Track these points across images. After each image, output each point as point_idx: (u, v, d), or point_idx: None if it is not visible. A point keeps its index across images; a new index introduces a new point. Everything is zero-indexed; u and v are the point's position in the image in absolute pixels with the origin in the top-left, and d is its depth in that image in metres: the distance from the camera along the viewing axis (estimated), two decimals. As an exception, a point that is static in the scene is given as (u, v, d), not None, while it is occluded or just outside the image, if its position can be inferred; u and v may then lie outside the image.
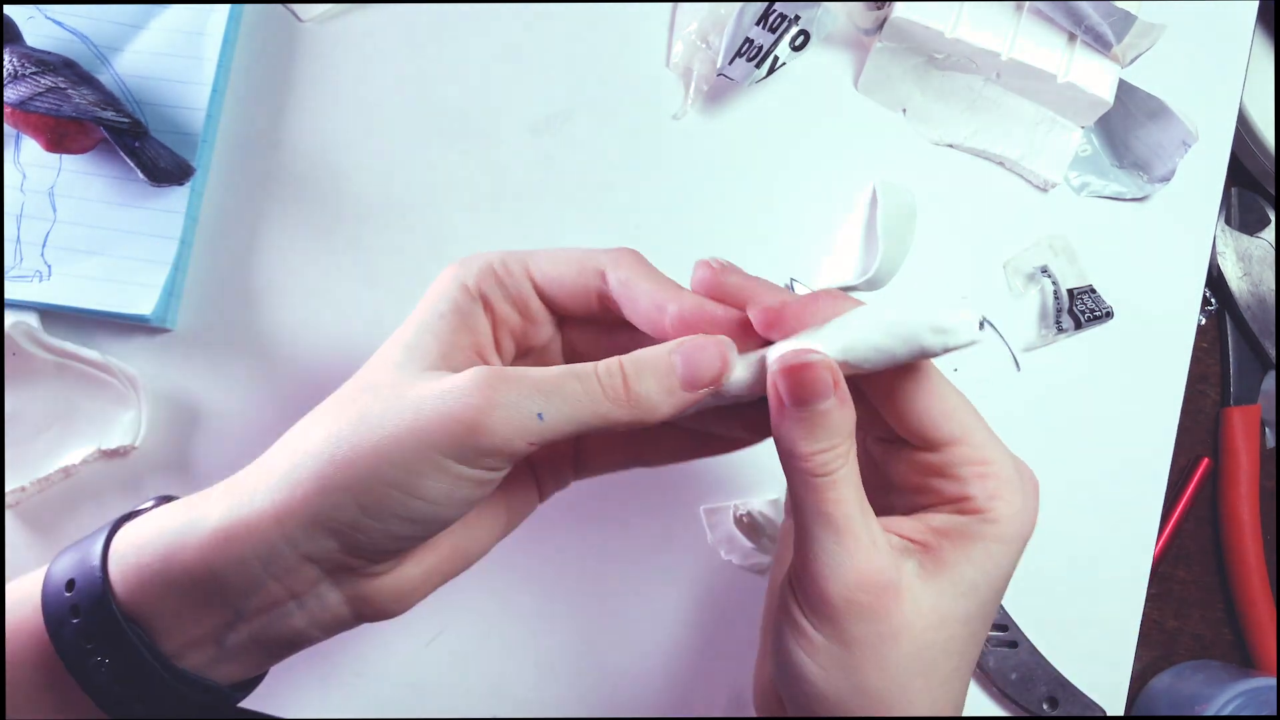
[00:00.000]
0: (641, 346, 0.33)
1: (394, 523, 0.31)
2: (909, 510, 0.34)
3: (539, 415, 0.30)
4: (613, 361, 0.32)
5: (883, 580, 0.31)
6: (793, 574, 0.33)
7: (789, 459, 0.32)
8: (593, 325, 0.37)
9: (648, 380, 0.32)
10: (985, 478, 0.32)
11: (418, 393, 0.31)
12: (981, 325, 0.30)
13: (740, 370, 0.33)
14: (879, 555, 0.31)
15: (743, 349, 0.33)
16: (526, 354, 0.38)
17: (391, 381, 0.32)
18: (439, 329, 0.34)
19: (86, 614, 0.32)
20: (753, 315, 0.33)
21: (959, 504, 0.32)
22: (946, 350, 0.30)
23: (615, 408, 0.31)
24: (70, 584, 0.33)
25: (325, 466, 0.31)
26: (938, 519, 0.32)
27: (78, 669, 0.32)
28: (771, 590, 0.37)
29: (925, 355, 0.31)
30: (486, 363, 0.35)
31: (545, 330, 0.37)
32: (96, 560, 0.33)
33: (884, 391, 0.33)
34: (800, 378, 0.31)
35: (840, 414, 0.31)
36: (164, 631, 0.32)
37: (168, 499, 0.36)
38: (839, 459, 0.31)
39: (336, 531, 0.31)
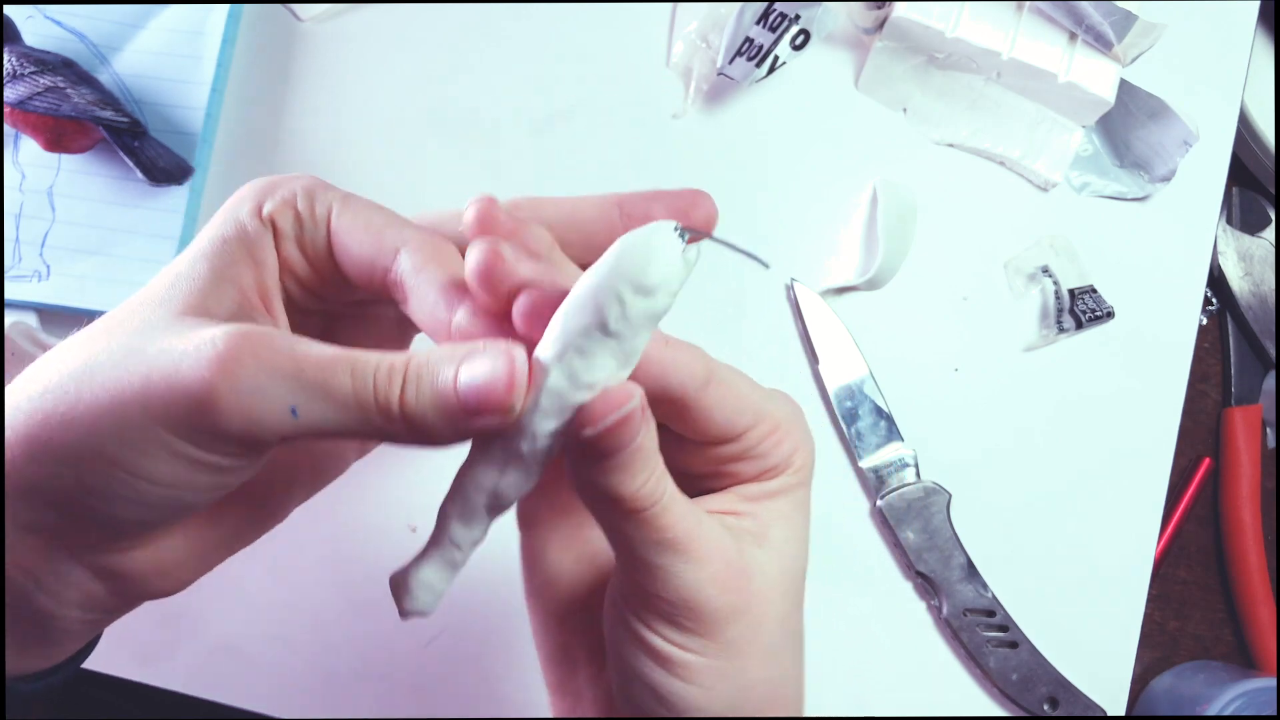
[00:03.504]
0: None
1: (121, 505, 0.25)
2: (713, 488, 0.31)
3: (292, 410, 0.24)
4: (399, 360, 0.25)
5: (738, 569, 0.28)
6: (639, 609, 0.28)
7: (610, 505, 0.26)
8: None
9: (425, 393, 0.25)
10: (780, 442, 0.29)
11: (158, 346, 0.25)
12: (683, 234, 0.24)
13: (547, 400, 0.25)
14: (727, 547, 0.28)
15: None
16: (329, 315, 0.31)
17: (138, 325, 0.26)
18: (213, 261, 0.27)
19: None
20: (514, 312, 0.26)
21: (764, 474, 0.30)
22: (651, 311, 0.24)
23: (387, 422, 0.25)
24: None
25: (37, 428, 0.25)
26: (749, 489, 0.30)
27: None
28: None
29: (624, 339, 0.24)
30: (252, 317, 0.28)
31: (353, 293, 0.30)
32: None
33: (672, 414, 0.28)
34: (619, 431, 0.25)
35: (650, 436, 0.26)
36: None
37: None
38: (660, 480, 0.27)
39: (56, 504, 0.25)
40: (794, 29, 0.52)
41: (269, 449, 0.26)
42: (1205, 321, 0.62)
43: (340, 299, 0.31)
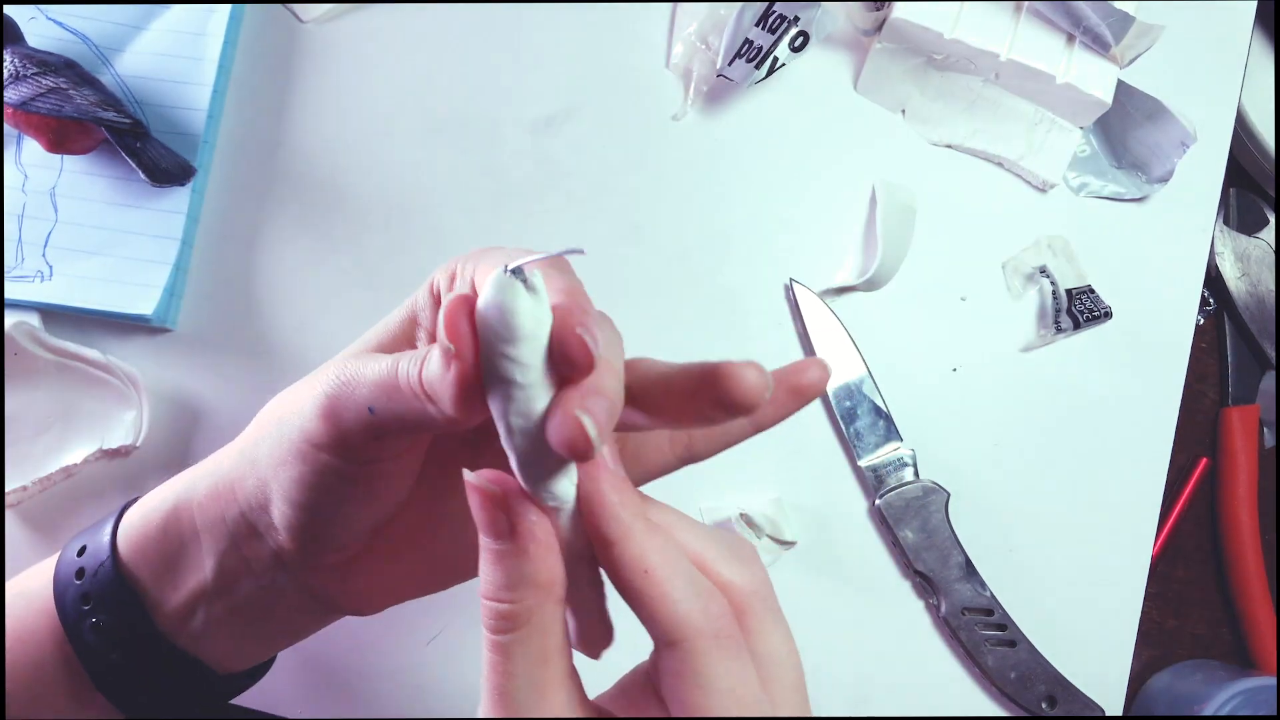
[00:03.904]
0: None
1: (281, 505, 0.31)
2: None
3: (370, 409, 0.28)
4: (424, 349, 0.27)
5: None
6: None
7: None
8: None
9: (431, 366, 0.26)
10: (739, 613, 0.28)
11: (326, 372, 0.30)
12: (514, 272, 0.24)
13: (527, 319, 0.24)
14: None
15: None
16: None
17: (337, 358, 0.31)
18: (393, 319, 0.32)
19: (89, 576, 0.33)
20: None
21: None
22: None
23: (419, 401, 0.27)
24: (81, 550, 0.34)
25: (245, 440, 0.32)
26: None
27: (74, 630, 0.33)
28: None
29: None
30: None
31: None
32: (109, 525, 0.34)
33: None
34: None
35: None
36: (155, 603, 0.33)
37: None
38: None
39: (257, 506, 0.31)
40: (793, 31, 0.52)
41: (367, 453, 0.29)
42: (1203, 322, 0.62)
43: None
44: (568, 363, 0.24)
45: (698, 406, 0.26)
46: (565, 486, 0.26)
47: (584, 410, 0.23)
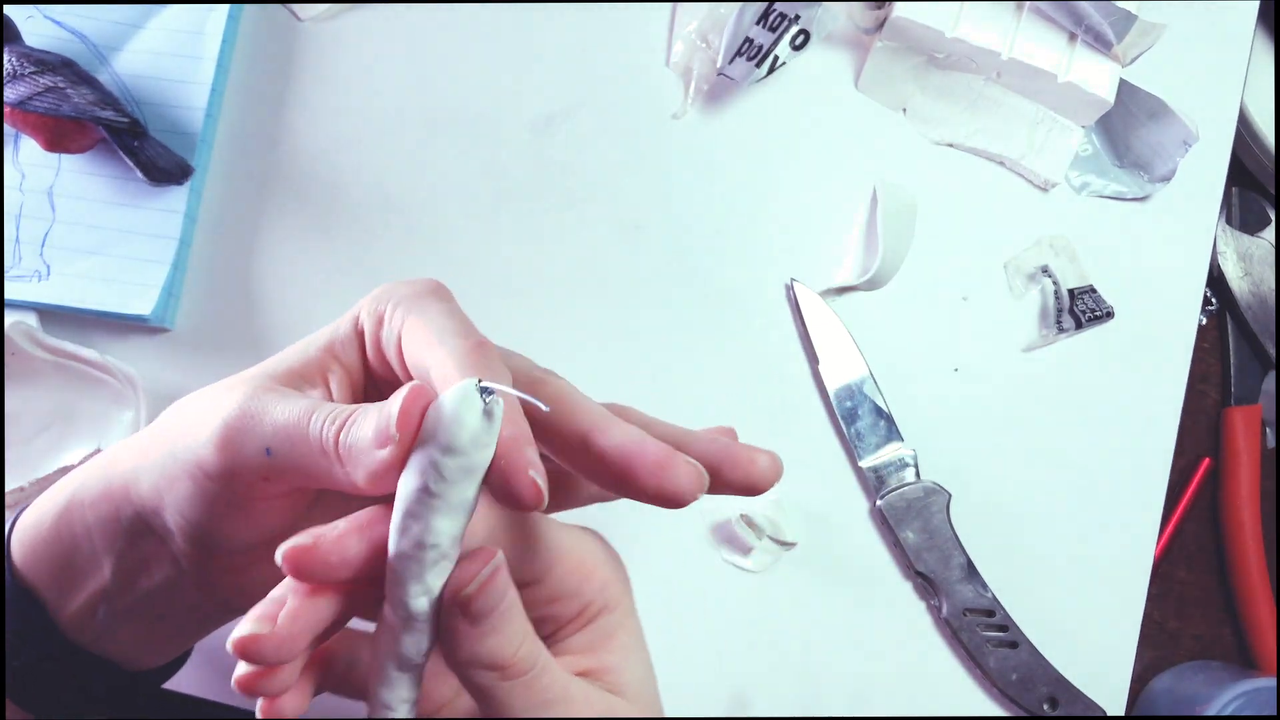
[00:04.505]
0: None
1: (174, 514, 0.30)
2: (541, 637, 0.30)
3: (268, 450, 0.27)
4: (345, 408, 0.27)
5: None
6: None
7: (491, 674, 0.27)
8: None
9: (364, 424, 0.26)
10: (588, 578, 0.30)
11: (211, 404, 0.29)
12: (484, 392, 0.25)
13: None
14: (598, 702, 0.29)
15: None
16: None
17: (247, 377, 0.30)
18: (309, 349, 0.31)
19: None
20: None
21: (583, 614, 0.30)
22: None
23: (328, 462, 0.26)
24: None
25: (143, 440, 0.31)
26: (579, 639, 0.30)
27: None
28: None
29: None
30: (331, 398, 0.31)
31: None
32: (4, 531, 0.33)
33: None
34: (487, 592, 0.26)
35: (515, 597, 0.27)
36: (55, 605, 0.32)
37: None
38: (534, 643, 0.27)
39: (150, 510, 0.30)
40: (794, 29, 0.52)
41: (255, 492, 0.29)
42: (1205, 321, 0.62)
43: None
44: (512, 500, 0.25)
45: (624, 491, 0.28)
46: (422, 602, 0.26)
47: (533, 469, 0.25)
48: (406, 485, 0.25)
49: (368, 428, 0.26)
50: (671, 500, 0.27)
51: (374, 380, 0.32)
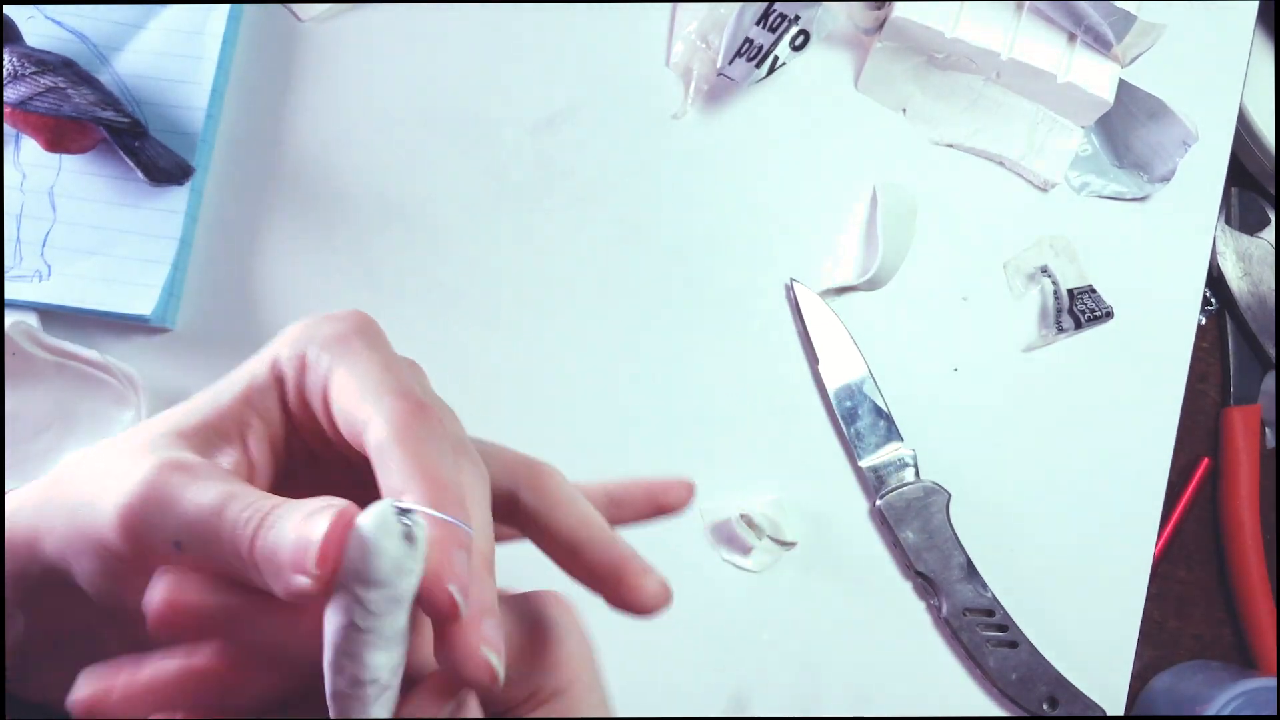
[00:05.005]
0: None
1: (83, 576, 0.26)
2: None
3: (176, 544, 0.24)
4: (265, 506, 0.24)
5: None
6: None
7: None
8: None
9: (282, 530, 0.23)
10: (537, 660, 0.28)
11: (115, 467, 0.26)
12: (402, 513, 0.23)
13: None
14: None
15: None
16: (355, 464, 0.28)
17: (153, 439, 0.27)
18: (220, 397, 0.28)
19: None
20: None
21: (534, 698, 0.28)
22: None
23: (239, 561, 0.23)
24: None
25: (40, 495, 0.27)
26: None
27: None
28: None
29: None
30: (226, 453, 0.27)
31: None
32: None
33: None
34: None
35: None
36: None
37: None
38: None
39: (61, 565, 0.27)
40: (794, 29, 0.52)
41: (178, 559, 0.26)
42: (1204, 321, 0.62)
43: (355, 453, 0.28)
44: (434, 613, 0.23)
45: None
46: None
47: (486, 645, 0.23)
48: (333, 621, 0.23)
49: (286, 539, 0.23)
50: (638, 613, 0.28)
51: (296, 430, 0.29)
